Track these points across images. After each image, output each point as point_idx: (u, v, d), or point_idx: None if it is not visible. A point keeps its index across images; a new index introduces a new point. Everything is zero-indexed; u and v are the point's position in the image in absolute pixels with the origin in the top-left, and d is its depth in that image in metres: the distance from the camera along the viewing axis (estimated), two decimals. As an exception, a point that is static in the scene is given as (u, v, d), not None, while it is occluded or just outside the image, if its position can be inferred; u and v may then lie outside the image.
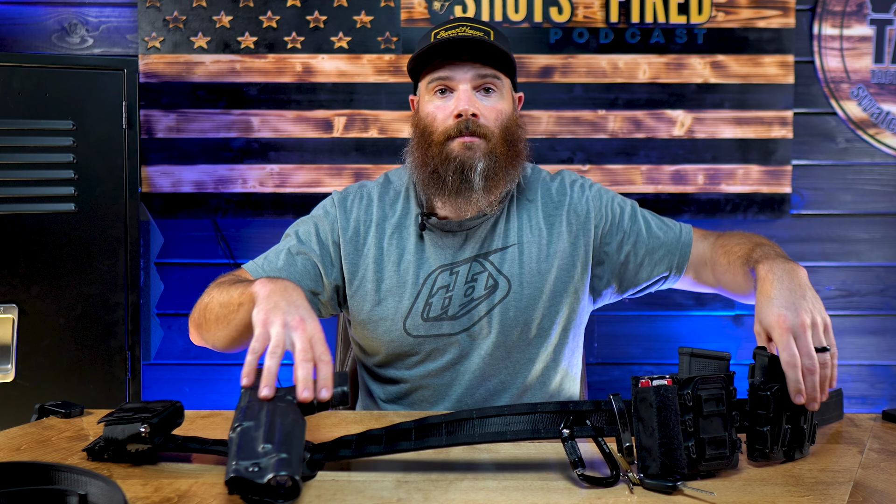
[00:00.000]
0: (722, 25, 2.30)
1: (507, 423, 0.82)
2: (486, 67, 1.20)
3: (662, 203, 2.32)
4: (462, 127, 1.18)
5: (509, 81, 1.25)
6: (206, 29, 2.28)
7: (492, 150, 1.19)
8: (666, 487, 0.76)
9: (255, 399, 0.83)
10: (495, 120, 1.20)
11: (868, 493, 0.78)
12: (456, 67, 1.19)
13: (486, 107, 1.20)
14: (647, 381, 0.79)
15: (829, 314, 0.94)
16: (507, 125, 1.22)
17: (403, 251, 1.25)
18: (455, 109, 1.18)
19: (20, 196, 1.87)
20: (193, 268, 2.32)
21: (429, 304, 1.23)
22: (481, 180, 1.18)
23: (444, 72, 1.20)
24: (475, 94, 1.20)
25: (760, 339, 0.94)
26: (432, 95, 1.22)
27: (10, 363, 1.84)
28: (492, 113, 1.20)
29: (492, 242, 1.25)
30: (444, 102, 1.21)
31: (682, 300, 2.37)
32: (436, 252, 1.24)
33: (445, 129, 1.19)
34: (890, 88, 2.33)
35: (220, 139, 2.29)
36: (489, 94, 1.21)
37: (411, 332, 1.24)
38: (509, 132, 1.22)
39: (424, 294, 1.23)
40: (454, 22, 1.22)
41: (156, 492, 0.76)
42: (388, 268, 1.25)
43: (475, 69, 1.19)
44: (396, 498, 0.75)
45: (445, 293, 1.23)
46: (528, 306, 1.24)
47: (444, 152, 1.19)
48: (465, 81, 1.19)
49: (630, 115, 2.32)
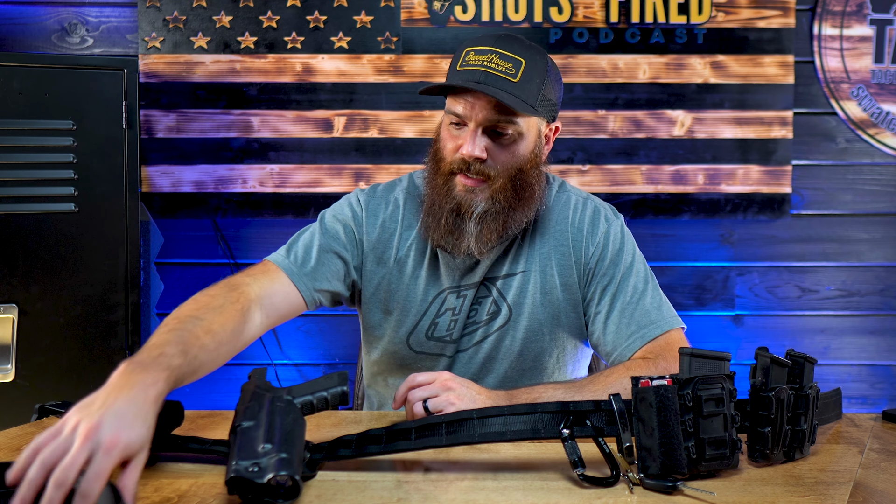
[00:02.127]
0: (722, 25, 2.30)
1: (507, 423, 0.82)
2: (503, 112, 1.12)
3: (662, 203, 2.32)
4: (464, 166, 1.14)
5: (536, 119, 1.17)
6: (206, 29, 2.28)
7: (494, 195, 1.15)
8: (666, 487, 0.76)
9: (256, 399, 0.83)
10: (504, 163, 1.15)
11: (868, 493, 0.78)
12: (471, 105, 1.12)
13: (496, 149, 1.14)
14: (647, 381, 0.79)
15: (829, 314, 0.94)
16: (520, 167, 1.16)
17: (418, 266, 1.24)
18: (462, 150, 1.14)
19: (20, 196, 1.87)
20: (193, 268, 2.32)
21: (434, 324, 1.23)
22: (476, 226, 1.15)
23: (459, 107, 1.13)
24: (485, 136, 1.14)
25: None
26: (449, 122, 1.17)
27: (9, 363, 1.84)
28: (502, 155, 1.15)
29: (501, 268, 1.23)
30: (457, 133, 1.16)
31: (683, 300, 2.37)
32: (447, 272, 1.23)
33: (451, 162, 1.16)
34: (890, 88, 2.33)
35: (220, 139, 2.29)
36: (502, 136, 1.14)
37: (414, 348, 1.25)
38: (521, 175, 1.16)
39: (432, 313, 1.23)
40: (488, 44, 1.14)
41: (156, 492, 0.76)
42: (402, 280, 1.24)
43: (488, 112, 1.11)
44: (396, 498, 0.75)
45: (452, 315, 1.23)
46: (525, 337, 1.22)
47: (447, 185, 1.17)
48: (476, 121, 1.12)
49: (630, 115, 2.32)
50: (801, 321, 2.37)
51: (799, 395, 0.86)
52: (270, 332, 2.32)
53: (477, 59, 1.13)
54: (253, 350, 2.32)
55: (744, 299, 2.38)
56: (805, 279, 2.37)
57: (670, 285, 2.37)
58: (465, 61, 1.14)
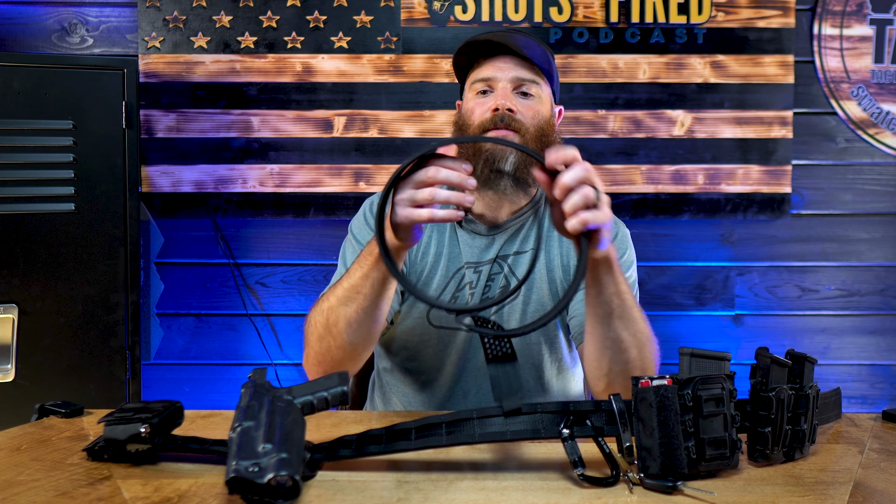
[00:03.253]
0: (722, 25, 2.30)
1: (507, 423, 0.82)
2: (528, 70, 1.23)
3: (662, 203, 2.32)
4: (497, 119, 1.20)
5: (549, 90, 1.28)
6: (206, 29, 2.28)
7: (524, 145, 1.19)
8: (666, 487, 0.76)
9: (256, 399, 0.83)
10: (532, 118, 1.23)
11: (868, 493, 0.78)
12: (498, 68, 1.23)
13: (523, 104, 1.23)
14: (647, 381, 0.79)
15: (829, 314, 0.94)
16: (543, 126, 1.24)
17: (441, 244, 1.28)
18: (493, 104, 1.21)
19: (20, 196, 1.87)
20: (193, 268, 2.32)
21: (455, 298, 1.27)
22: (511, 172, 1.20)
23: (487, 72, 1.24)
24: (514, 94, 1.23)
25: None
26: (475, 94, 1.26)
27: (10, 363, 1.84)
28: (528, 111, 1.23)
29: (513, 245, 1.28)
30: (483, 99, 1.24)
31: (682, 300, 2.37)
32: (465, 249, 1.28)
33: (482, 123, 1.22)
34: (890, 88, 2.33)
35: (220, 139, 2.29)
36: (527, 96, 1.24)
37: (434, 323, 1.27)
38: (544, 133, 1.24)
39: (452, 287, 1.27)
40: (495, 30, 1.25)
41: (156, 492, 0.76)
42: (428, 259, 1.28)
43: (516, 70, 1.23)
44: (396, 498, 0.75)
45: (469, 290, 1.26)
46: (534, 311, 1.26)
47: (476, 144, 1.22)
48: (504, 80, 1.23)
49: (630, 115, 2.32)
50: (801, 321, 2.37)
51: (799, 395, 0.86)
52: (270, 332, 2.32)
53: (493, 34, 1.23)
54: (253, 350, 2.32)
55: (744, 299, 2.38)
56: (805, 279, 2.37)
57: (670, 285, 2.37)
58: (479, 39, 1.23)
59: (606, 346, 1.04)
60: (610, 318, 1.02)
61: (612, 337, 1.03)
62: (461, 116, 1.28)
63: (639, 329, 1.04)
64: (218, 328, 2.33)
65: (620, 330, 1.02)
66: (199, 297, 2.32)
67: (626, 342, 1.03)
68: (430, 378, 1.30)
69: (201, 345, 2.33)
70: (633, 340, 1.03)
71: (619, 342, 1.03)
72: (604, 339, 1.03)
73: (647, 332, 1.06)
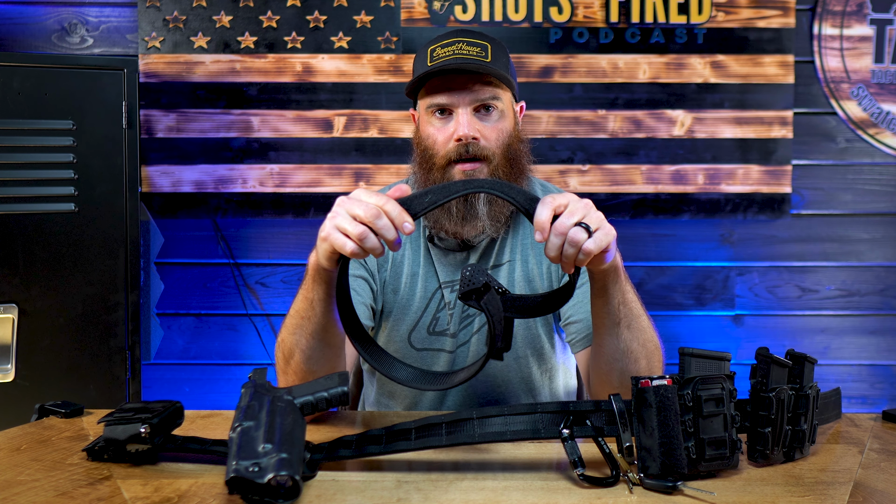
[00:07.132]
0: (722, 25, 2.30)
1: (507, 423, 0.82)
2: (484, 88, 1.17)
3: (662, 203, 2.32)
4: (462, 151, 1.16)
5: (509, 94, 1.22)
6: (206, 29, 2.28)
7: (493, 173, 1.17)
8: (666, 487, 0.76)
9: (256, 399, 0.83)
10: (496, 140, 1.18)
11: (868, 493, 0.78)
12: (453, 91, 1.16)
13: (486, 128, 1.18)
14: (646, 381, 0.79)
15: (829, 314, 0.94)
16: (509, 143, 1.20)
17: (415, 264, 1.26)
18: (455, 133, 1.16)
19: (20, 196, 1.87)
20: (193, 268, 2.32)
21: (436, 319, 1.25)
22: (485, 206, 1.17)
23: (441, 98, 1.17)
24: (474, 116, 1.17)
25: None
26: (431, 116, 1.20)
27: (10, 363, 1.84)
28: (492, 133, 1.18)
29: (489, 259, 1.25)
30: (443, 124, 1.19)
31: (682, 300, 2.37)
32: (441, 268, 1.25)
33: (446, 153, 1.17)
34: (890, 88, 2.33)
35: (220, 139, 2.29)
36: (489, 113, 1.18)
37: (415, 346, 1.25)
38: (511, 150, 1.20)
39: (432, 309, 1.25)
40: (450, 37, 1.19)
41: (156, 492, 0.76)
42: (402, 279, 1.26)
43: (473, 93, 1.16)
44: (396, 498, 0.75)
45: (448, 310, 1.24)
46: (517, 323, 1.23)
47: (445, 178, 1.17)
48: (463, 104, 1.16)
49: (630, 115, 2.32)
50: (801, 321, 2.37)
51: (799, 395, 0.86)
52: (270, 332, 2.32)
53: (445, 52, 1.17)
54: (253, 350, 2.32)
55: (744, 299, 2.38)
56: (805, 279, 2.37)
57: (670, 285, 2.37)
58: (434, 56, 1.17)
59: (616, 358, 1.02)
60: (618, 328, 1.00)
61: (621, 348, 1.01)
62: (422, 140, 1.22)
63: (647, 338, 1.02)
64: (218, 328, 2.33)
65: (630, 340, 1.00)
66: (199, 297, 2.32)
67: (636, 352, 1.01)
68: (414, 402, 1.29)
69: (201, 345, 2.33)
70: (643, 350, 1.01)
71: (628, 352, 1.01)
72: (613, 350, 1.02)
73: (656, 341, 1.04)
